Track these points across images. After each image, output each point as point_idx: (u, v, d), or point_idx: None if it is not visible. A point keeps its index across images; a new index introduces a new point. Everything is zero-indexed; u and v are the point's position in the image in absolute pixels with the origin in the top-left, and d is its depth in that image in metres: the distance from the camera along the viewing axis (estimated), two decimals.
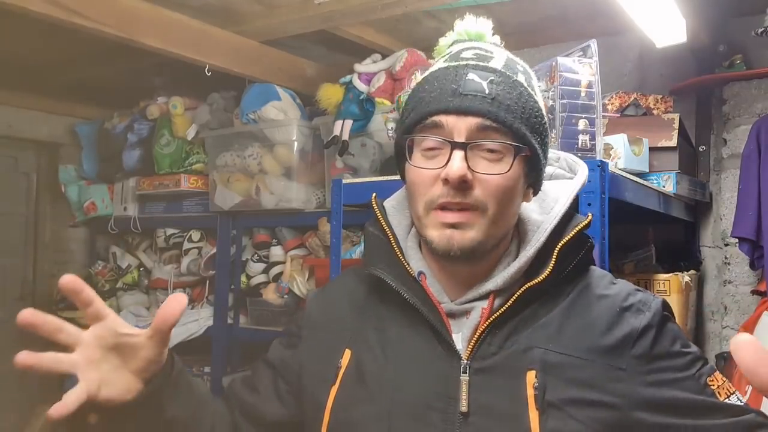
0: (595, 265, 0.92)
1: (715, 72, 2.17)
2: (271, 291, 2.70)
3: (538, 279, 0.82)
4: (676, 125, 1.90)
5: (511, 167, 0.79)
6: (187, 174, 2.84)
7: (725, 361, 2.01)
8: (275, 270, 2.73)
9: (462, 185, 0.78)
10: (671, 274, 1.85)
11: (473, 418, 0.78)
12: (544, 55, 2.38)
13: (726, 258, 2.19)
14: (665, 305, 0.86)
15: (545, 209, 0.89)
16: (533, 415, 0.76)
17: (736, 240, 2.06)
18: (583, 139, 1.46)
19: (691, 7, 1.81)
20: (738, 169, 2.08)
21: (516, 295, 0.81)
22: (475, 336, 0.81)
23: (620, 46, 2.35)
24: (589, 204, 1.35)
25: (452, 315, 0.85)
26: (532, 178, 0.86)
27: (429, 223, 0.82)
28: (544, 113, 0.86)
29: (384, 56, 2.32)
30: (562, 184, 0.93)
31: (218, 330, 2.76)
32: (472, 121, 0.79)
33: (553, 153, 0.97)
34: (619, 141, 1.68)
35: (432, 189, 0.80)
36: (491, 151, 0.80)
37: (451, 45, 0.91)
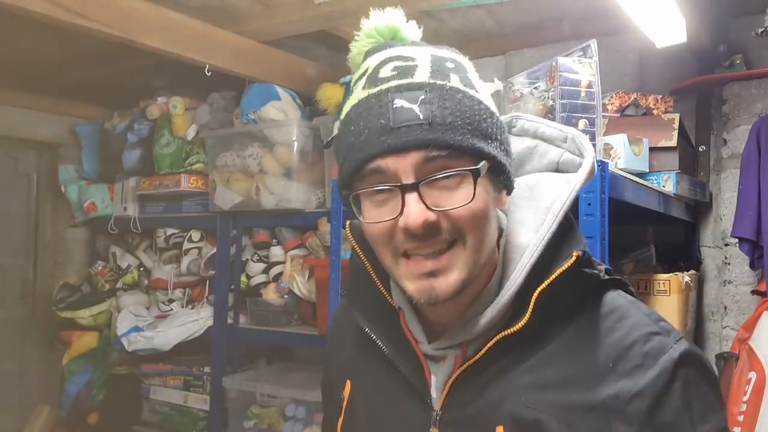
0: (619, 287, 0.76)
1: (715, 72, 2.17)
2: (271, 291, 2.70)
3: (513, 329, 0.71)
4: (676, 125, 1.90)
5: (474, 191, 0.68)
6: (187, 174, 2.84)
7: (725, 361, 2.01)
8: (275, 270, 2.73)
9: (427, 230, 0.67)
10: (671, 274, 1.85)
11: None
12: (544, 55, 2.38)
13: (726, 258, 2.19)
14: (684, 359, 0.68)
15: (535, 223, 0.75)
16: None
17: (736, 240, 2.06)
18: None
19: (691, 7, 1.81)
20: (738, 169, 2.08)
21: (488, 346, 0.72)
22: (448, 385, 0.75)
23: (620, 46, 2.35)
24: (589, 204, 1.35)
25: (430, 358, 0.78)
26: (501, 183, 0.74)
27: (402, 274, 0.72)
28: (491, 106, 0.72)
29: None
30: (561, 183, 0.77)
31: (218, 330, 2.76)
32: (415, 157, 0.67)
33: (559, 131, 0.82)
34: (619, 141, 1.68)
35: (394, 240, 0.70)
36: (448, 178, 0.68)
37: (366, 55, 0.77)
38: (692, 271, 2.05)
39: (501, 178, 0.73)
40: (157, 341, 2.71)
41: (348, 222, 0.86)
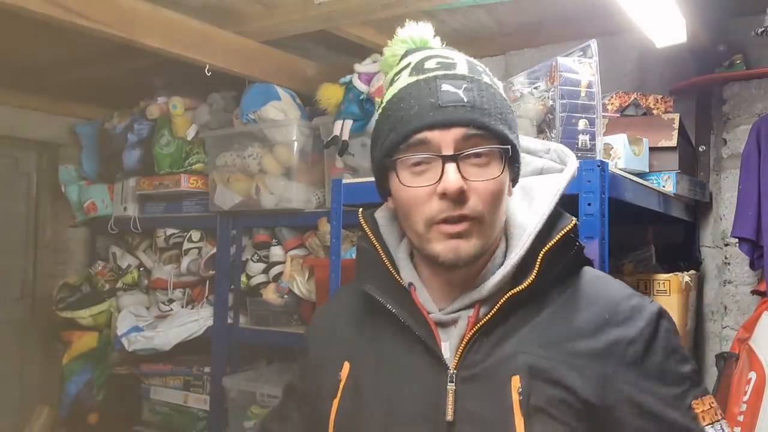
0: (589, 264, 0.90)
1: (714, 72, 2.17)
2: (271, 291, 2.70)
3: (521, 286, 0.81)
4: (676, 125, 1.90)
5: (502, 170, 0.81)
6: (187, 174, 2.84)
7: (725, 361, 2.01)
8: (275, 270, 2.73)
9: (460, 197, 0.78)
10: (671, 274, 1.85)
11: (459, 426, 0.79)
12: (544, 55, 2.38)
13: (726, 258, 2.19)
14: (661, 313, 0.83)
15: (533, 209, 0.87)
16: (518, 421, 0.76)
17: (736, 240, 2.06)
18: (583, 139, 1.47)
19: (690, 7, 1.81)
20: (738, 169, 2.08)
21: (500, 304, 0.81)
22: (462, 345, 0.82)
23: (620, 46, 2.35)
24: (589, 204, 1.35)
25: (441, 324, 0.85)
26: (513, 173, 0.87)
27: (432, 237, 0.81)
28: (511, 106, 0.87)
29: (383, 56, 2.32)
30: (551, 180, 0.90)
31: (218, 330, 2.76)
32: (457, 132, 0.79)
33: (542, 144, 0.97)
34: (619, 141, 1.68)
35: (429, 205, 0.80)
36: (479, 157, 0.80)
37: (403, 56, 0.90)
38: (692, 271, 2.05)
39: (514, 169, 0.86)
40: (157, 341, 2.72)
41: (360, 209, 0.95)
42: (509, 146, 0.82)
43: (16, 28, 2.20)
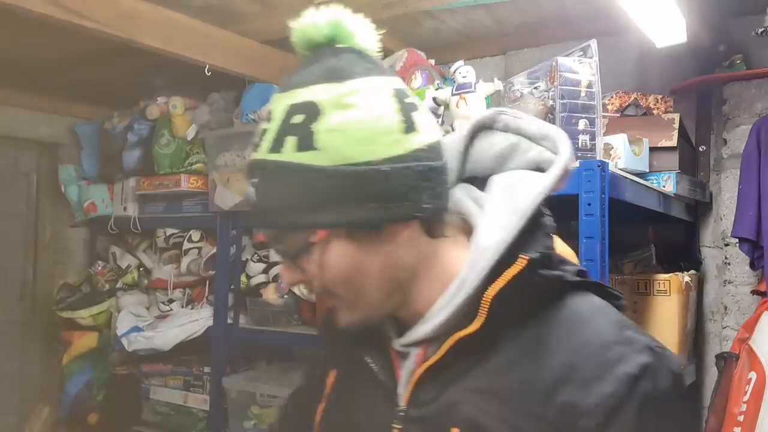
0: (580, 287, 0.73)
1: (715, 72, 2.17)
2: (271, 291, 2.70)
3: (467, 331, 0.70)
4: (676, 125, 1.90)
5: (316, 260, 0.72)
6: (187, 174, 2.84)
7: (725, 361, 2.01)
8: (275, 270, 2.73)
9: (305, 285, 0.77)
10: (671, 274, 1.85)
11: None
12: (544, 55, 2.38)
13: (726, 258, 2.19)
14: (643, 372, 0.64)
15: (507, 223, 0.72)
16: None
17: (736, 240, 2.06)
18: (583, 139, 1.47)
19: (691, 7, 1.81)
20: (738, 169, 2.08)
21: (446, 346, 0.71)
22: (411, 383, 0.76)
23: (620, 46, 2.35)
24: (589, 204, 1.36)
25: (399, 354, 0.79)
26: (380, 229, 0.71)
27: None
28: (336, 164, 0.67)
29: (384, 56, 2.32)
30: (534, 182, 0.74)
31: (218, 330, 2.76)
32: (272, 233, 0.77)
33: (538, 129, 0.78)
34: (619, 141, 1.68)
35: None
36: (293, 255, 0.75)
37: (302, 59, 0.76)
38: (692, 271, 2.05)
39: (369, 229, 0.70)
40: (157, 341, 2.71)
41: None
42: (318, 229, 0.70)
43: (16, 28, 2.20)
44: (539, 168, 0.77)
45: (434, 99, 1.86)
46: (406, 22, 2.30)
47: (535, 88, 1.60)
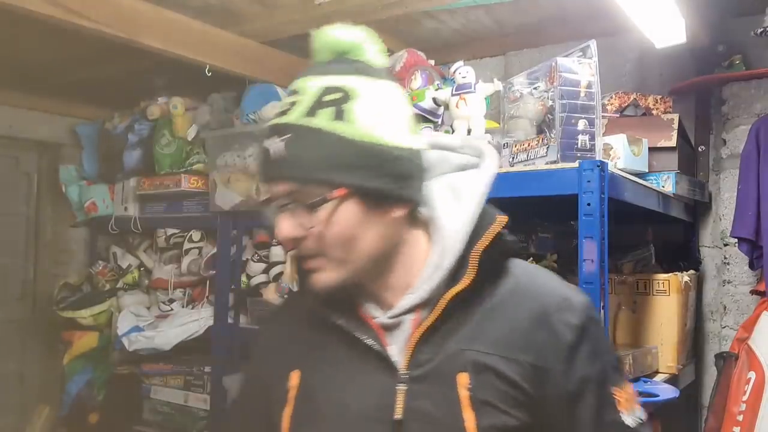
0: (516, 256, 0.93)
1: (714, 72, 2.17)
2: (272, 291, 2.71)
3: (459, 288, 0.84)
4: (676, 125, 1.90)
5: (327, 215, 0.81)
6: (187, 174, 2.84)
7: (724, 361, 2.02)
8: (275, 270, 2.74)
9: (291, 242, 0.84)
10: (670, 274, 1.85)
11: (409, 424, 0.82)
12: (543, 56, 2.38)
13: (725, 258, 2.19)
14: (589, 305, 0.89)
15: (462, 209, 0.89)
16: (468, 415, 0.80)
17: (735, 240, 2.06)
18: (582, 139, 1.47)
19: (690, 8, 1.81)
20: (737, 169, 2.09)
21: (440, 306, 0.84)
22: (409, 347, 0.85)
23: (620, 47, 2.36)
24: (589, 204, 1.36)
25: (386, 328, 0.88)
26: (384, 201, 0.84)
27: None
28: (365, 137, 0.82)
29: None
30: (475, 177, 0.92)
31: (218, 330, 2.76)
32: (280, 187, 0.83)
33: (453, 139, 0.98)
34: (618, 141, 1.69)
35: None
36: (308, 206, 0.82)
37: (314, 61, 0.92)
38: (691, 271, 2.05)
39: (375, 200, 0.83)
40: (158, 341, 2.72)
41: None
42: (336, 188, 0.81)
43: (16, 28, 2.21)
44: (463, 170, 0.95)
45: (434, 99, 1.86)
46: (406, 22, 2.30)
47: (535, 88, 1.60)
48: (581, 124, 1.47)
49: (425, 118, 1.87)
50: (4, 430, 3.29)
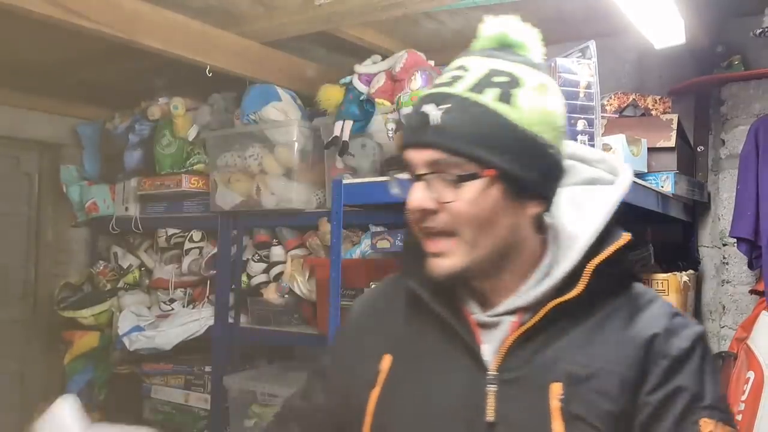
0: (638, 281, 0.91)
1: (713, 73, 2.17)
2: (272, 291, 2.71)
3: (567, 297, 0.82)
4: (675, 126, 1.91)
5: (471, 192, 0.80)
6: (188, 174, 2.85)
7: (723, 361, 2.02)
8: (276, 270, 2.74)
9: (426, 213, 0.82)
10: (669, 274, 1.85)
11: (499, 428, 0.81)
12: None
13: (724, 258, 2.19)
14: (702, 336, 0.85)
15: (583, 220, 0.88)
16: (557, 427, 0.78)
17: (735, 240, 2.07)
18: (581, 139, 1.48)
19: (689, 8, 1.81)
20: (736, 169, 2.09)
21: (544, 312, 0.83)
22: (503, 348, 0.83)
23: (619, 47, 2.36)
24: None
25: (483, 325, 0.87)
26: (525, 193, 0.83)
27: (426, 250, 0.86)
28: (524, 125, 0.81)
29: (384, 57, 2.33)
30: (602, 192, 0.90)
31: (219, 329, 2.77)
32: (425, 155, 0.81)
33: (592, 153, 0.96)
34: (617, 141, 1.69)
35: (413, 214, 0.84)
36: (451, 178, 0.80)
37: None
38: (690, 271, 2.05)
39: (523, 188, 0.82)
40: (159, 341, 2.72)
41: None
42: (486, 167, 0.80)
43: (16, 28, 2.21)
44: (592, 184, 0.94)
45: None
46: (406, 23, 2.30)
47: None
48: (580, 125, 1.48)
49: None
50: (5, 430, 3.29)
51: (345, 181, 1.70)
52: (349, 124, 2.24)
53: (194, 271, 2.91)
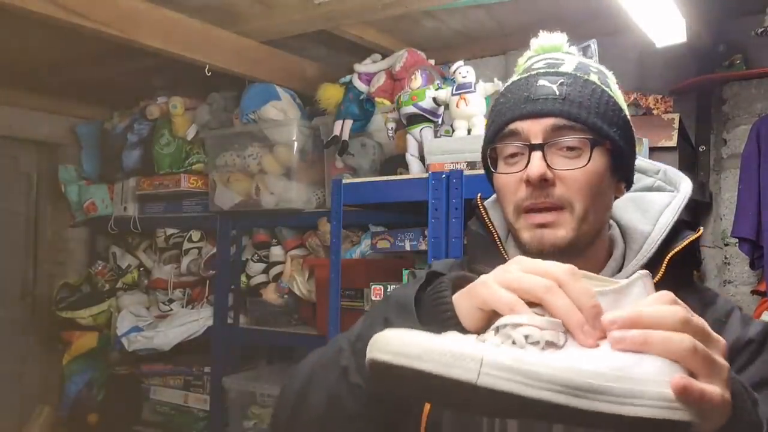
0: (695, 282, 0.93)
1: (714, 72, 2.17)
2: (271, 291, 2.70)
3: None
4: (676, 125, 1.90)
5: (589, 161, 0.81)
6: (187, 174, 2.84)
7: None
8: (275, 270, 2.74)
9: (543, 184, 0.81)
10: None
11: None
12: None
13: (726, 258, 2.19)
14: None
15: (650, 220, 0.89)
16: None
17: (736, 240, 2.06)
18: None
19: (691, 7, 1.81)
20: (738, 169, 2.08)
21: None
22: None
23: (620, 46, 2.35)
24: None
25: None
26: (621, 171, 0.87)
27: (521, 226, 0.85)
28: (623, 108, 0.86)
29: (384, 56, 2.32)
30: (666, 196, 0.93)
31: (218, 330, 2.76)
32: (546, 123, 0.81)
33: (652, 164, 0.98)
34: None
35: (517, 193, 0.84)
36: (570, 148, 0.81)
37: (526, 61, 0.92)
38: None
39: (620, 166, 0.85)
40: (157, 341, 2.72)
41: (478, 194, 0.99)
42: (604, 139, 0.82)
43: (16, 28, 2.20)
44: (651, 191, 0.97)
45: (434, 99, 1.86)
46: (406, 22, 2.30)
47: None
48: None
49: (425, 117, 1.87)
50: (4, 430, 3.28)
51: (345, 181, 1.70)
52: (348, 123, 2.23)
53: (193, 271, 2.90)
